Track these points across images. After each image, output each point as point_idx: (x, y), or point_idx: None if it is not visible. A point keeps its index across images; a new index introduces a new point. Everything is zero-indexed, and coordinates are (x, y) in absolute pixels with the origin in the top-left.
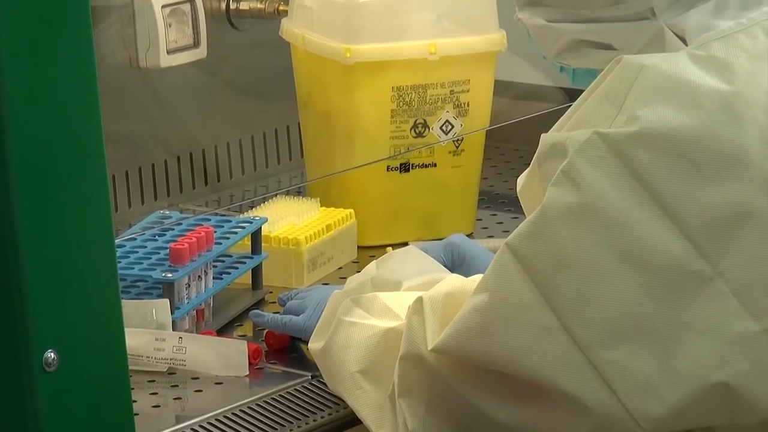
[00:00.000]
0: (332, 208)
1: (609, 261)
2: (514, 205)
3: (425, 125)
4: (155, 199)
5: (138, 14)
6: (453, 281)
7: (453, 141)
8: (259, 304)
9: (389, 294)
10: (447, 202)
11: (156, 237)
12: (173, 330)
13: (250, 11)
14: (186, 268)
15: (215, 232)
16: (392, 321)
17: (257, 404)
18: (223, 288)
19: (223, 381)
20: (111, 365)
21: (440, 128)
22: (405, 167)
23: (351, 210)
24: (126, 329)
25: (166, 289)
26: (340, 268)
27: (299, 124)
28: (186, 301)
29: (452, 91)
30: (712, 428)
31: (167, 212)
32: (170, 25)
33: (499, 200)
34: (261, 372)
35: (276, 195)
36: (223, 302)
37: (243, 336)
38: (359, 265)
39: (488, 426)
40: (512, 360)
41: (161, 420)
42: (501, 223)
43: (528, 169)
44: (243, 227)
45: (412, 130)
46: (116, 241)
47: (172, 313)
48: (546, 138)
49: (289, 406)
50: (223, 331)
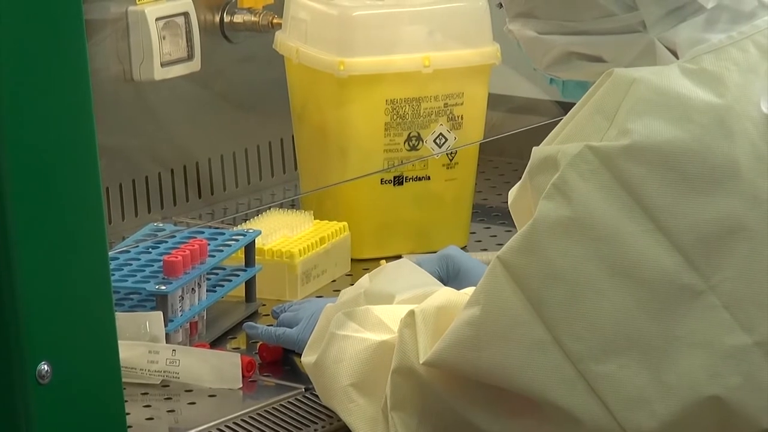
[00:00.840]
0: (326, 221)
1: (600, 274)
2: (508, 218)
3: (419, 138)
4: (149, 212)
5: (132, 27)
6: (445, 294)
7: (447, 154)
8: (253, 317)
9: (382, 307)
10: (440, 215)
11: (149, 249)
12: (167, 342)
13: (244, 24)
14: (179, 281)
15: (209, 245)
16: (385, 334)
17: (251, 417)
18: (217, 300)
19: (217, 393)
20: (104, 377)
21: (434, 141)
22: (399, 180)
23: (345, 223)
24: (119, 341)
25: (160, 302)
26: (334, 281)
27: (293, 137)
28: (179, 314)
29: (446, 104)
30: None
31: (161, 225)
32: (164, 38)
33: (493, 213)
34: (254, 384)
35: (270, 208)
36: (217, 315)
37: (236, 348)
38: (353, 278)
39: None
40: (504, 373)
41: None
42: (494, 236)
43: (519, 183)
44: (237, 240)
45: (406, 143)
46: (110, 254)
47: (166, 326)
48: (537, 151)
49: (283, 419)
50: (217, 344)
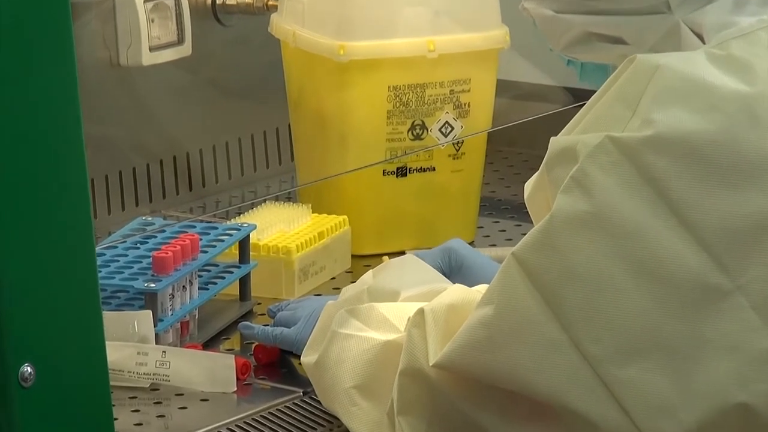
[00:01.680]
0: (325, 215)
1: (621, 273)
2: (518, 212)
3: (423, 127)
4: (137, 205)
5: (119, 9)
6: (456, 292)
7: (453, 144)
8: (248, 316)
9: (387, 305)
10: (446, 209)
11: (138, 245)
12: (156, 343)
13: (238, 6)
14: (170, 278)
15: (201, 240)
16: (390, 333)
17: (245, 422)
18: (209, 299)
19: (209, 397)
20: (91, 380)
21: (439, 130)
22: (402, 171)
23: (344, 217)
24: (106, 342)
25: (149, 300)
26: (333, 278)
27: (289, 126)
28: (170, 313)
29: (452, 91)
30: None
31: (150, 219)
32: (153, 21)
33: (502, 206)
34: (249, 388)
35: (265, 201)
36: (209, 314)
37: (230, 350)
38: (353, 275)
39: None
40: (518, 376)
41: None
42: (503, 231)
43: (536, 174)
44: (230, 235)
45: (410, 132)
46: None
47: (155, 326)
48: (555, 141)
49: (280, 425)
50: (209, 345)
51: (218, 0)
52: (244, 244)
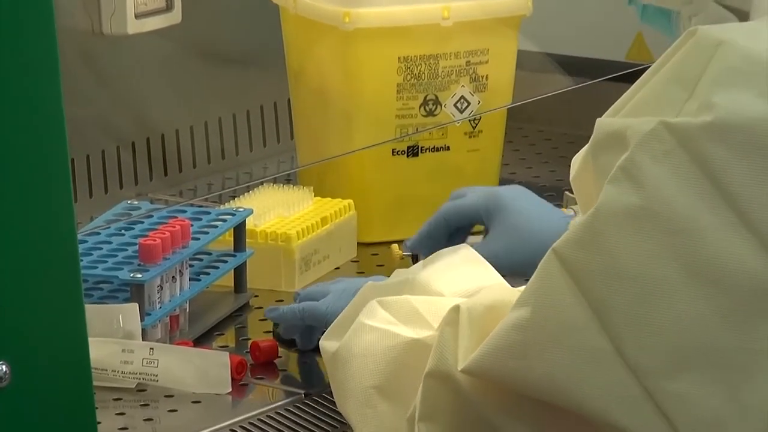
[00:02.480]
0: (328, 199)
1: (673, 274)
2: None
3: (437, 102)
4: (121, 188)
5: None
6: (498, 291)
7: (469, 120)
8: (243, 310)
9: (423, 298)
10: None
11: (122, 231)
12: (143, 340)
13: None
14: (158, 268)
15: (192, 226)
16: (422, 330)
17: (241, 426)
18: (201, 291)
19: (202, 399)
20: (72, 381)
21: (454, 105)
22: (413, 151)
23: (350, 201)
24: (88, 339)
25: (135, 292)
26: (338, 269)
27: (289, 101)
28: (158, 306)
29: (468, 63)
30: None
31: (135, 203)
32: None
33: None
34: (245, 389)
35: (262, 183)
36: (202, 307)
37: (224, 347)
38: (360, 265)
39: None
40: (556, 387)
41: None
42: None
43: (582, 153)
44: (224, 220)
45: (422, 108)
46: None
47: (142, 320)
48: (602, 124)
49: (279, 429)
50: (202, 341)
51: None
52: (240, 231)
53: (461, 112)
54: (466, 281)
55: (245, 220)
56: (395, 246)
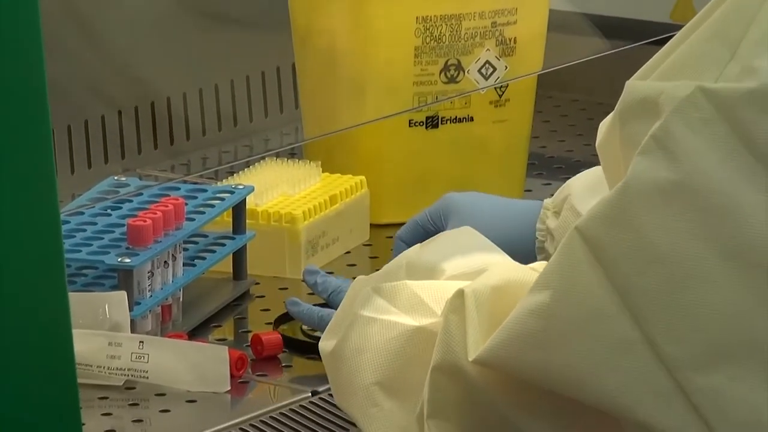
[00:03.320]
0: (337, 175)
1: (710, 257)
2: (572, 171)
3: (459, 67)
4: (106, 162)
5: None
6: (505, 270)
7: (495, 88)
8: (243, 298)
9: (424, 282)
10: (487, 167)
11: (109, 211)
12: (132, 332)
13: None
14: (148, 252)
15: (186, 205)
16: (425, 317)
17: (241, 429)
18: (197, 277)
19: (197, 398)
20: (53, 378)
21: (479, 71)
22: (433, 122)
23: (362, 177)
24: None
25: (123, 279)
26: (348, 253)
27: (294, 66)
28: (148, 295)
29: (494, 24)
30: None
31: (122, 179)
32: None
33: (554, 165)
34: (246, 387)
35: (264, 157)
36: (197, 296)
37: (222, 340)
38: (373, 249)
39: None
40: (578, 380)
41: None
42: None
43: (609, 119)
44: (222, 199)
45: (443, 74)
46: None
47: (131, 310)
48: (632, 88)
49: None
50: (197, 334)
51: None
52: (239, 211)
53: (486, 79)
54: (471, 259)
55: (245, 199)
56: None
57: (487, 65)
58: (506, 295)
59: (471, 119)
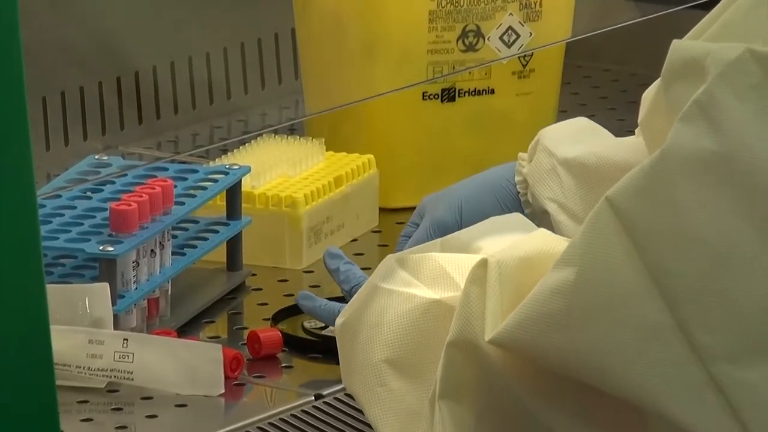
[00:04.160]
0: (343, 154)
1: (753, 239)
2: None
3: (478, 34)
4: (85, 139)
5: None
6: (538, 239)
7: (518, 57)
8: (238, 291)
9: (450, 255)
10: (509, 145)
11: (89, 193)
12: (115, 328)
13: None
14: (133, 239)
15: (175, 187)
16: (445, 291)
17: None
18: (187, 268)
19: (188, 403)
20: (29, 379)
21: (500, 39)
22: (449, 94)
23: (370, 156)
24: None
25: (105, 269)
26: (355, 240)
27: (293, 31)
28: (133, 287)
29: None
30: None
31: (104, 158)
32: None
33: None
34: (241, 390)
35: (261, 134)
36: (187, 288)
37: (215, 338)
38: (382, 236)
39: None
40: (601, 367)
41: None
42: None
43: (654, 87)
44: (215, 180)
45: (460, 41)
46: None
47: (114, 304)
48: (678, 47)
49: None
50: (187, 331)
51: None
52: (234, 194)
53: (509, 47)
54: (512, 238)
55: (240, 181)
56: None
57: (510, 31)
58: (536, 268)
59: (492, 92)
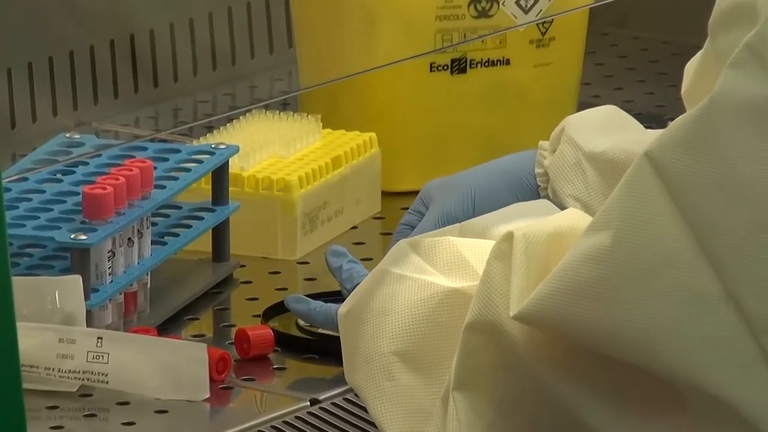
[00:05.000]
0: (342, 132)
1: None
2: None
3: None
4: (55, 115)
5: None
6: (566, 217)
7: (537, 24)
8: (225, 285)
9: (470, 240)
10: (526, 121)
11: (59, 176)
12: (88, 325)
13: None
14: (108, 227)
15: (155, 169)
16: (463, 279)
17: None
18: (168, 258)
19: (169, 408)
20: None
21: (517, 3)
22: (460, 66)
23: (372, 134)
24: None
25: (77, 260)
26: (355, 228)
27: None
28: (109, 279)
29: None
30: None
31: (76, 136)
32: None
33: None
34: (228, 394)
35: (251, 109)
36: (168, 282)
37: (200, 336)
38: (385, 223)
39: None
40: (640, 341)
41: None
42: None
43: (700, 54)
44: (199, 161)
45: (472, 6)
46: None
47: (87, 299)
48: None
49: None
50: (169, 329)
51: None
52: (221, 176)
53: (526, 13)
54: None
55: (228, 162)
56: None
57: None
58: (566, 245)
59: (507, 62)
